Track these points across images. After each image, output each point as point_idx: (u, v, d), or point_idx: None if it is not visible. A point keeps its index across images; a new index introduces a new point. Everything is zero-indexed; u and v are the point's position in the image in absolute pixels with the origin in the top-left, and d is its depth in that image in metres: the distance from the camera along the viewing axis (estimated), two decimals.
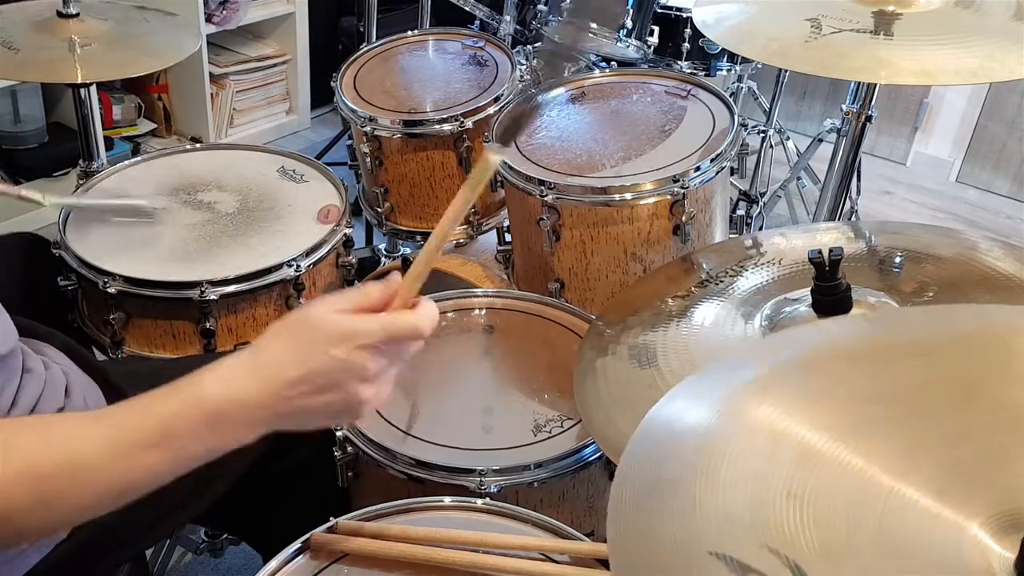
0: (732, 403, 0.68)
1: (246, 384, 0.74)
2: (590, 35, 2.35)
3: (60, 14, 1.67)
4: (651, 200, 1.42)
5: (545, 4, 2.41)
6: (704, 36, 1.82)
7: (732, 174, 1.62)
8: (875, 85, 1.56)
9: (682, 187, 1.41)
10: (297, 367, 0.74)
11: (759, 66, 2.68)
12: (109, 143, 3.07)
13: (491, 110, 1.71)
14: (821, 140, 2.73)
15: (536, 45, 2.67)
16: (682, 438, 0.67)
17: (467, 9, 2.73)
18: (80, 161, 1.83)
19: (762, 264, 1.20)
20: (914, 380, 0.67)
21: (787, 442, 0.63)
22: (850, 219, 2.62)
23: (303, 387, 0.74)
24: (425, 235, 1.84)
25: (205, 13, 3.06)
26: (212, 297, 1.34)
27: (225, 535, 1.60)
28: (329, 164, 1.67)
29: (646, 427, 0.69)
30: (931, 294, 1.06)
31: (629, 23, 2.31)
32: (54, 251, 1.42)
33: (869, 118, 1.57)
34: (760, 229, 2.79)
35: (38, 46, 1.63)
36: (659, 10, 2.33)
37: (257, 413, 0.74)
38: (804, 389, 0.68)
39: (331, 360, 0.74)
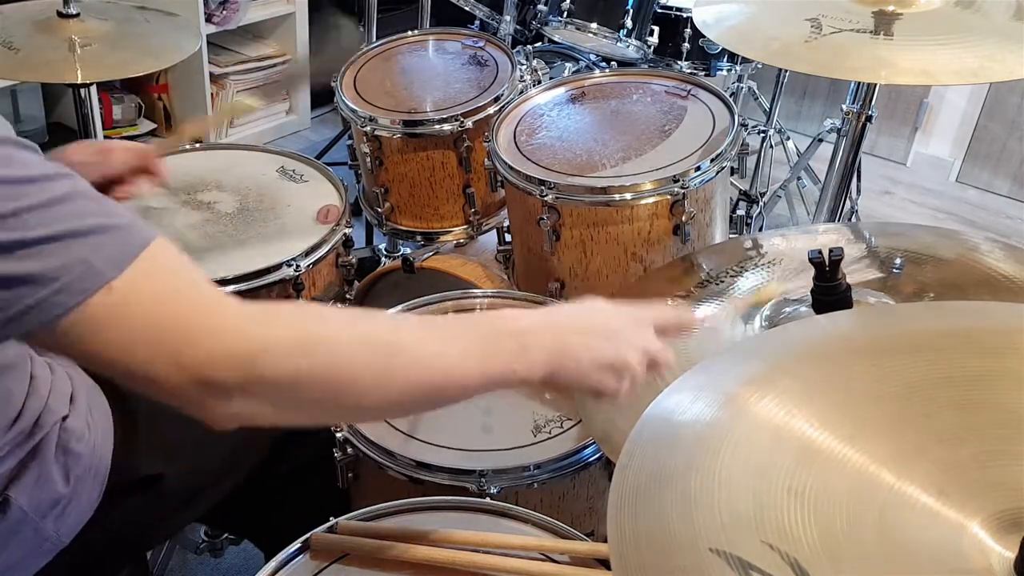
0: (733, 398, 0.68)
1: (529, 315, 0.85)
2: (590, 35, 2.36)
3: (60, 14, 1.67)
4: (651, 200, 1.42)
5: (545, 4, 2.41)
6: (704, 36, 1.82)
7: (732, 174, 1.62)
8: (875, 85, 1.56)
9: (682, 187, 1.40)
10: (585, 316, 0.84)
11: (759, 66, 2.68)
12: None
13: (491, 110, 1.71)
14: (821, 140, 2.73)
15: (536, 45, 2.68)
16: (682, 434, 0.67)
17: (467, 9, 2.72)
18: None
19: (762, 265, 1.20)
20: (915, 378, 0.67)
21: (788, 438, 0.63)
22: (850, 219, 2.61)
23: (577, 328, 0.82)
24: (425, 235, 1.83)
25: (205, 13, 3.06)
26: None
27: (225, 535, 1.60)
28: (329, 164, 1.67)
29: (646, 423, 0.69)
30: (931, 295, 1.06)
31: (629, 23, 2.31)
32: None
33: (869, 118, 1.57)
34: (760, 229, 2.79)
35: (38, 46, 1.63)
36: (659, 10, 2.33)
37: (540, 339, 0.79)
38: (805, 385, 0.68)
39: (615, 316, 0.84)
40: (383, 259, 2.23)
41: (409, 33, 2.02)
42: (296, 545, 0.90)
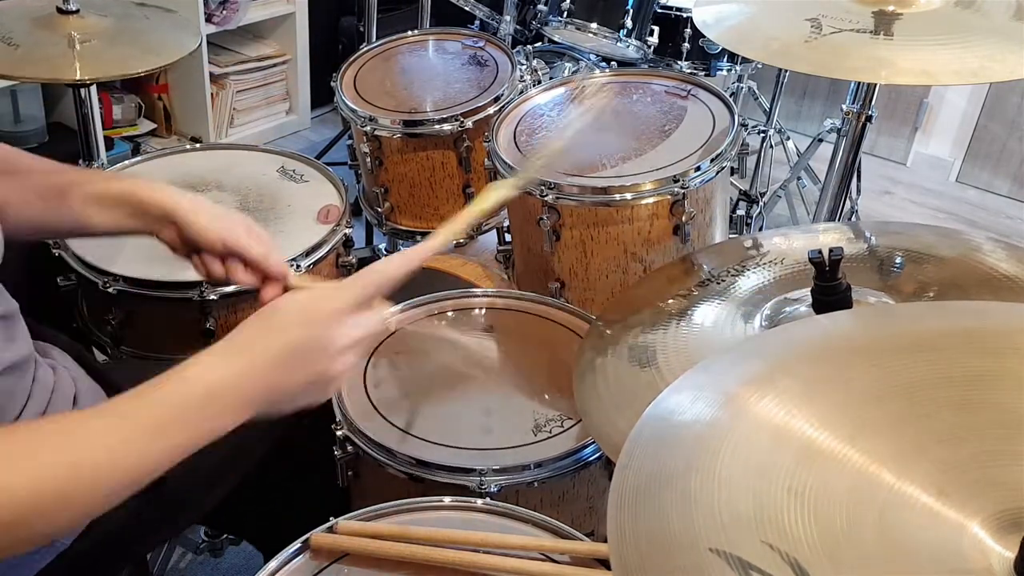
0: (733, 398, 0.68)
1: (224, 368, 0.78)
2: (590, 35, 2.36)
3: (60, 10, 1.67)
4: (651, 200, 1.42)
5: (545, 4, 2.41)
6: (704, 36, 1.82)
7: (732, 174, 1.62)
8: (875, 85, 1.56)
9: (682, 187, 1.40)
10: (271, 346, 0.79)
11: (759, 66, 2.69)
12: (109, 143, 3.06)
13: (491, 110, 1.71)
14: (821, 140, 2.73)
15: (536, 45, 2.68)
16: (682, 434, 0.67)
17: (467, 9, 2.73)
18: (80, 161, 1.83)
19: (763, 264, 1.20)
20: (915, 377, 0.67)
21: (788, 438, 0.63)
22: (850, 219, 2.62)
23: (279, 363, 0.79)
24: (425, 235, 1.82)
25: (205, 13, 3.06)
26: (212, 297, 1.34)
27: (225, 535, 1.60)
28: (329, 164, 1.67)
29: (646, 422, 0.69)
30: (932, 295, 1.06)
31: (629, 23, 2.31)
32: (54, 251, 1.41)
33: (869, 118, 1.57)
34: (760, 229, 2.79)
35: (38, 42, 1.63)
36: (659, 10, 2.33)
37: (240, 394, 0.77)
38: (805, 385, 0.68)
39: (308, 328, 0.81)
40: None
41: (409, 33, 2.02)
42: (296, 545, 0.90)
